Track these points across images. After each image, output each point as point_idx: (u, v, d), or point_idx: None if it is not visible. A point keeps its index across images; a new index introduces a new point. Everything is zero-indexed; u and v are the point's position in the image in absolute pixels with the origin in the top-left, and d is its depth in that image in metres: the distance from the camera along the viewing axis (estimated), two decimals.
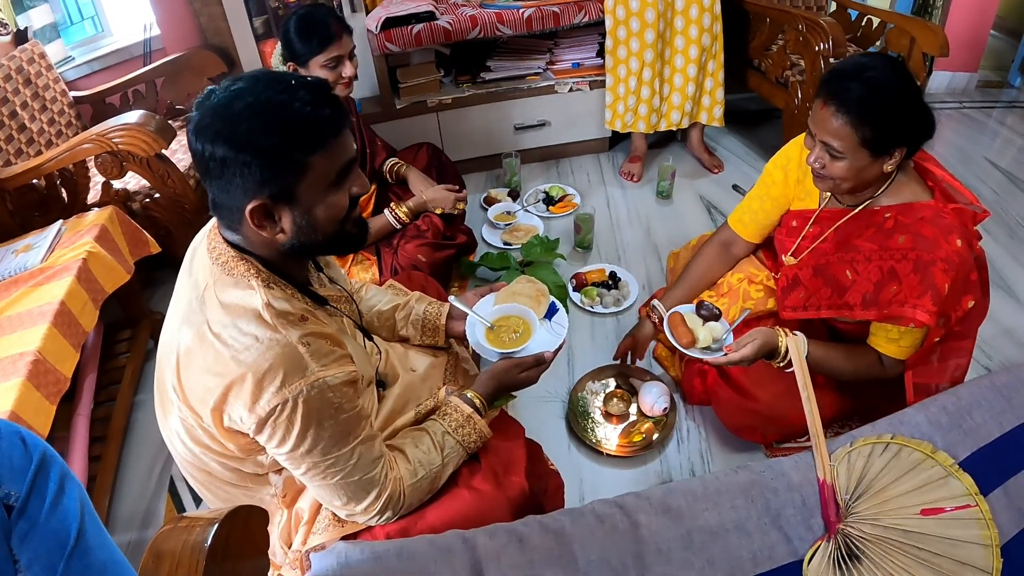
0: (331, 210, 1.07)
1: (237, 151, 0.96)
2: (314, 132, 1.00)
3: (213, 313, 1.05)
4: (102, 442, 1.97)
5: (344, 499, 1.17)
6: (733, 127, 3.56)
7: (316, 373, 1.05)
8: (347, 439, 1.12)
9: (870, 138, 1.38)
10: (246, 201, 0.99)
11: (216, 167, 0.97)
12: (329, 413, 1.08)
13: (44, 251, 1.93)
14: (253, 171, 0.97)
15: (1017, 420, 1.25)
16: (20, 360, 1.57)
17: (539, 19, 2.95)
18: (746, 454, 1.90)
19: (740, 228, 1.90)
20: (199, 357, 1.04)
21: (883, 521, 1.14)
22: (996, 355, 2.16)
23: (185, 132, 1.05)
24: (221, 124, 0.96)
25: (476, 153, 3.31)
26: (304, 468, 1.12)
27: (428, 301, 1.63)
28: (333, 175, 1.05)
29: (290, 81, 1.00)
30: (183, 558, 0.80)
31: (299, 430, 1.05)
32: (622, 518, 1.14)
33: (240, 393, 1.02)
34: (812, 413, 1.26)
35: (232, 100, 0.97)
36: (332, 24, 1.94)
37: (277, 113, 0.97)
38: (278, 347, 1.02)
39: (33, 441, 0.80)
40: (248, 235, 1.06)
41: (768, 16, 3.05)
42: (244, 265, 1.07)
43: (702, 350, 1.61)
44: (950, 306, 1.43)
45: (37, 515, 0.76)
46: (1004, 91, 4.06)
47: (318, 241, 1.09)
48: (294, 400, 1.03)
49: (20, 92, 2.51)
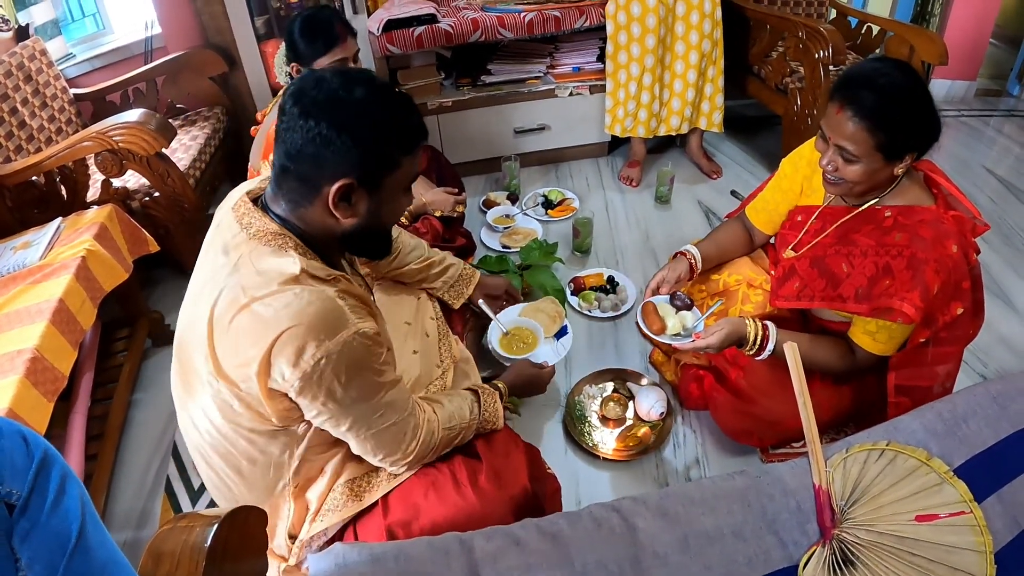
0: (397, 208, 1.19)
1: (347, 133, 1.04)
2: (411, 136, 1.13)
3: (249, 278, 1.08)
4: (99, 441, 1.97)
5: (388, 448, 1.26)
6: (732, 133, 3.57)
7: (356, 324, 1.10)
8: (383, 386, 1.19)
9: (885, 143, 1.40)
10: (336, 177, 1.06)
11: (321, 142, 1.04)
12: (368, 362, 1.14)
13: (43, 248, 1.94)
14: (352, 153, 1.05)
15: (1012, 428, 1.25)
16: (18, 357, 1.57)
17: (540, 23, 2.96)
18: (742, 459, 1.91)
19: (754, 216, 1.92)
20: (236, 322, 1.07)
21: (878, 527, 1.15)
22: (992, 363, 2.17)
23: (279, 105, 1.12)
24: (338, 108, 1.05)
25: (475, 156, 3.32)
26: (349, 422, 1.17)
27: (463, 266, 1.93)
28: (409, 179, 1.17)
29: (392, 88, 1.13)
30: (182, 558, 0.81)
31: (345, 380, 1.10)
32: (619, 522, 1.14)
33: (284, 350, 1.05)
34: (808, 419, 1.27)
35: (350, 89, 1.06)
36: (337, 26, 1.94)
37: (387, 112, 1.08)
38: (318, 301, 1.07)
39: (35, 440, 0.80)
40: (312, 212, 1.11)
41: (768, 23, 3.06)
42: (285, 239, 1.12)
43: (671, 336, 1.70)
44: (938, 307, 1.46)
45: (38, 514, 0.76)
46: (1002, 99, 4.07)
47: (374, 234, 1.20)
48: (339, 351, 1.07)
49: (21, 88, 2.51)
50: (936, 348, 1.55)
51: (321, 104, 1.04)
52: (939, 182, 1.53)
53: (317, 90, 1.06)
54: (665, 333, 1.72)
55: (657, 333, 1.71)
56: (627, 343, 2.31)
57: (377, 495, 1.33)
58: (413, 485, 1.34)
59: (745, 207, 1.97)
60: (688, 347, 1.64)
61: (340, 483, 1.33)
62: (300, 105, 1.05)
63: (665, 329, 1.72)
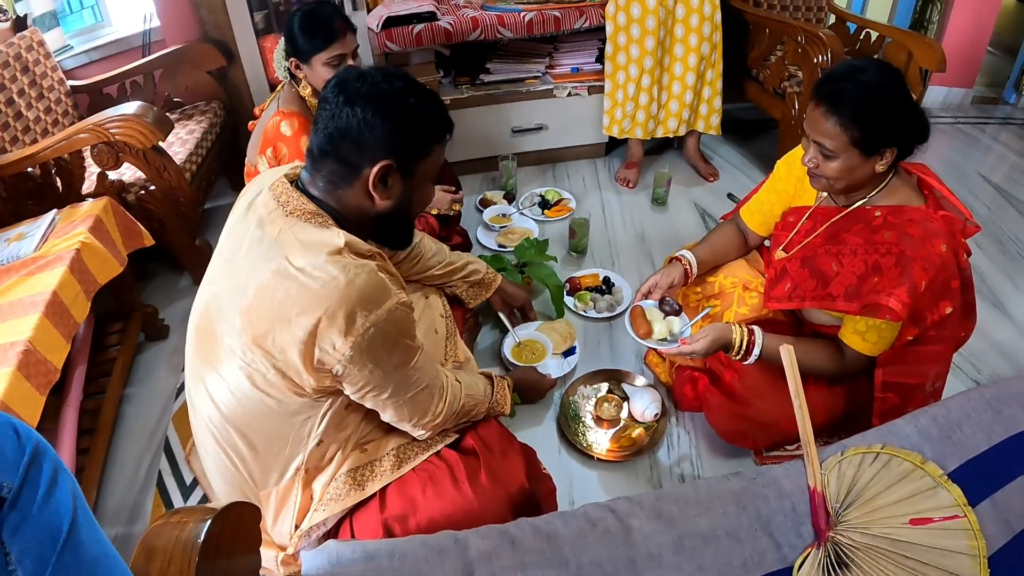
0: (426, 196, 1.30)
1: (386, 119, 1.14)
2: (443, 126, 1.25)
3: (293, 250, 1.13)
4: (90, 435, 1.96)
5: (421, 410, 1.33)
6: (729, 136, 3.57)
7: (396, 295, 1.18)
8: (416, 351, 1.28)
9: (859, 138, 1.43)
10: (376, 159, 1.15)
11: (363, 126, 1.14)
12: (408, 330, 1.23)
13: (37, 240, 1.92)
14: (394, 137, 1.15)
15: (1005, 433, 1.26)
16: (11, 350, 1.55)
17: (540, 23, 2.96)
18: (735, 461, 1.91)
19: (748, 217, 1.93)
20: (280, 292, 1.11)
21: (872, 530, 1.15)
22: (985, 369, 2.18)
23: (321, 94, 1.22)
24: (379, 96, 1.15)
25: (473, 155, 3.31)
26: (391, 389, 1.24)
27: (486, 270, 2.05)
28: (436, 169, 1.27)
29: (424, 85, 1.22)
30: (175, 554, 0.80)
31: (390, 347, 1.18)
32: (614, 522, 1.14)
33: (334, 322, 1.10)
34: (804, 422, 1.27)
35: (391, 81, 1.17)
36: (336, 22, 1.94)
37: (423, 103, 1.19)
38: (364, 274, 1.12)
39: (26, 433, 0.80)
40: (350, 194, 1.20)
41: (767, 27, 3.07)
42: (321, 217, 1.19)
43: (658, 341, 1.73)
44: (925, 305, 1.47)
45: (29, 507, 0.75)
46: (999, 107, 4.09)
47: (404, 218, 1.30)
48: (385, 319, 1.14)
49: (17, 79, 2.49)
50: (925, 347, 1.56)
51: (364, 94, 1.14)
52: (932, 184, 1.55)
53: (360, 82, 1.16)
54: (652, 338, 1.74)
55: (644, 337, 1.74)
56: (622, 344, 2.31)
57: (379, 485, 1.34)
58: (411, 480, 1.35)
59: (740, 209, 1.97)
60: (674, 352, 1.66)
61: (342, 472, 1.33)
62: (345, 94, 1.15)
63: (652, 334, 1.75)
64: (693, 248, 1.96)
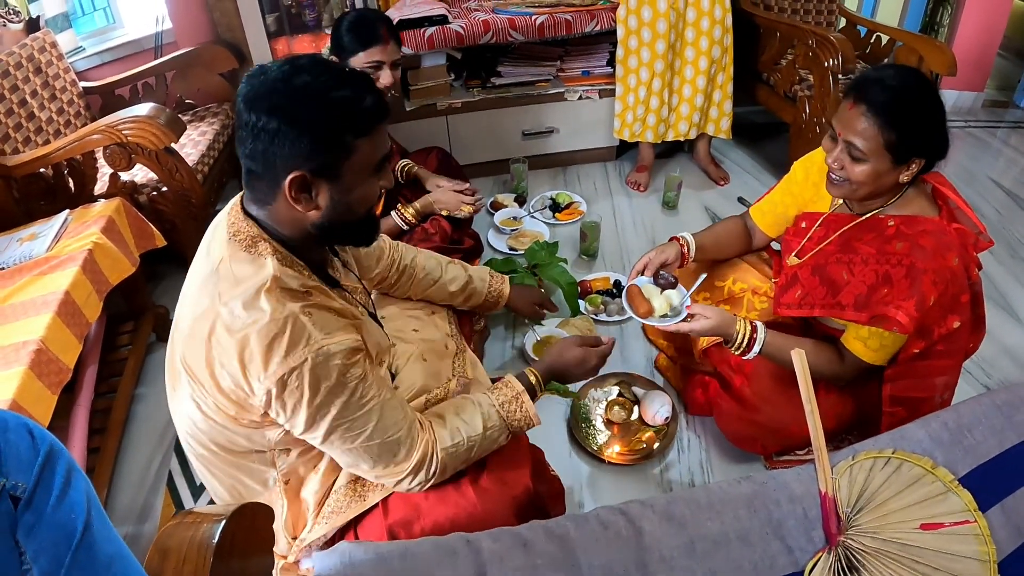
0: (366, 195, 1.14)
1: (291, 124, 1.01)
2: (364, 117, 1.07)
3: (224, 286, 1.08)
4: (101, 434, 1.97)
5: (370, 462, 1.20)
6: (740, 140, 3.57)
7: (320, 341, 1.08)
8: (362, 402, 1.15)
9: (895, 143, 1.40)
10: (288, 171, 1.04)
11: (266, 137, 1.01)
12: (337, 378, 1.10)
13: (50, 240, 1.94)
14: (302, 144, 1.02)
15: (1017, 438, 1.25)
16: (23, 349, 1.56)
17: (551, 26, 2.96)
18: (746, 465, 1.91)
19: (759, 217, 1.91)
20: (208, 329, 1.07)
21: (883, 534, 1.14)
22: (996, 374, 2.17)
23: (233, 103, 1.09)
24: (278, 98, 1.01)
25: (484, 158, 3.32)
26: (322, 434, 1.14)
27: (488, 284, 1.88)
28: (374, 162, 1.11)
29: (344, 69, 1.08)
30: (189, 554, 0.80)
31: (308, 397, 1.08)
32: (626, 525, 1.14)
33: (250, 365, 1.05)
34: (815, 426, 1.27)
35: (291, 77, 1.03)
36: (382, 28, 1.99)
37: (333, 95, 1.03)
38: (280, 318, 1.05)
39: (40, 434, 0.80)
40: (279, 210, 1.10)
41: (778, 30, 3.06)
42: (263, 244, 1.11)
43: (660, 318, 1.66)
44: (933, 319, 1.45)
45: (44, 507, 0.75)
46: (1009, 111, 4.07)
47: (347, 223, 1.15)
48: (300, 368, 1.06)
49: (30, 80, 2.51)
50: (932, 361, 1.54)
51: (262, 95, 1.02)
52: (947, 195, 1.53)
53: (258, 80, 1.04)
54: (653, 315, 1.67)
55: (644, 316, 1.67)
56: (633, 347, 2.31)
57: (381, 495, 1.31)
58: None
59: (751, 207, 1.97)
60: (672, 329, 1.62)
61: (341, 485, 1.31)
62: (244, 98, 1.03)
63: (652, 311, 1.67)
64: (696, 234, 1.92)
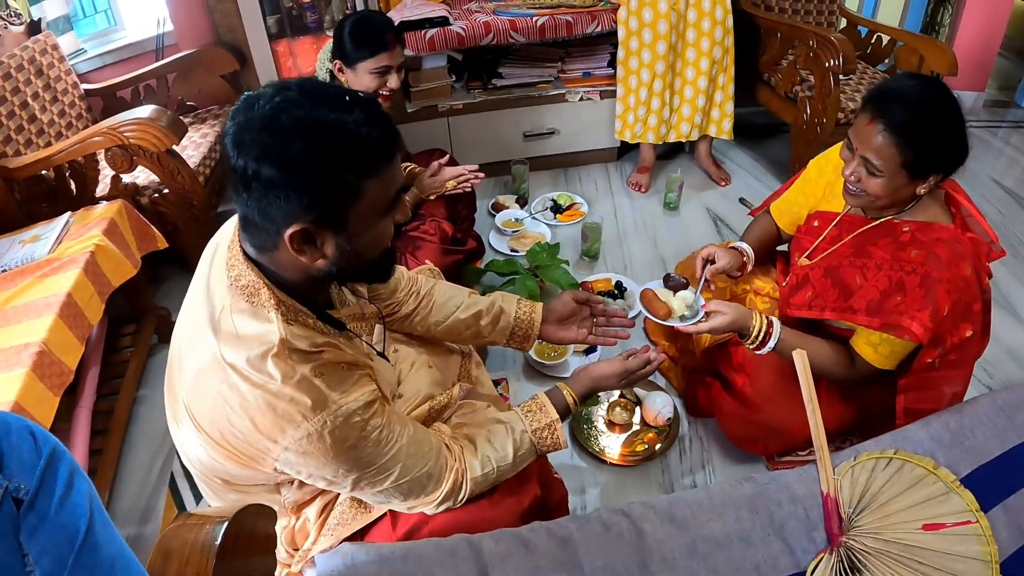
0: (377, 237, 1.02)
1: (286, 173, 0.88)
2: (371, 155, 0.92)
3: (227, 341, 0.99)
4: (103, 436, 1.97)
5: (401, 498, 1.17)
6: (741, 141, 3.56)
7: (337, 402, 1.01)
8: (385, 450, 1.09)
9: (912, 161, 1.38)
10: (287, 225, 0.92)
11: (259, 188, 0.89)
12: (358, 435, 1.04)
13: (51, 242, 1.94)
14: (301, 195, 0.90)
15: (1018, 439, 1.26)
16: (25, 351, 1.57)
17: (552, 28, 2.96)
18: (747, 466, 1.91)
19: (779, 217, 1.92)
20: (214, 384, 0.99)
21: (885, 535, 1.15)
22: (998, 374, 2.17)
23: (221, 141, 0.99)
24: (269, 140, 0.88)
25: (485, 159, 3.30)
26: (349, 486, 1.10)
27: (517, 302, 1.60)
28: (386, 202, 0.99)
29: (343, 97, 0.92)
30: (192, 556, 0.80)
31: (331, 456, 1.02)
32: (628, 526, 1.14)
33: (264, 430, 0.99)
34: (817, 427, 1.27)
35: (279, 112, 0.88)
36: (388, 33, 1.95)
37: (331, 132, 0.89)
38: (293, 383, 0.97)
39: (43, 436, 0.81)
40: (280, 257, 0.99)
41: (779, 31, 3.06)
42: (266, 293, 1.00)
43: (679, 319, 1.68)
44: (947, 329, 1.44)
45: (46, 509, 0.76)
46: (1010, 111, 4.06)
47: (357, 268, 1.04)
48: (319, 432, 0.99)
49: (32, 82, 2.51)
50: (945, 371, 1.53)
51: (252, 138, 0.88)
52: (960, 202, 1.52)
53: (245, 118, 0.90)
54: (672, 316, 1.68)
55: (665, 318, 1.67)
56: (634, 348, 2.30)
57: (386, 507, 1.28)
58: None
59: (769, 204, 1.96)
60: (692, 330, 1.62)
61: (344, 498, 1.28)
62: (232, 140, 0.90)
63: (671, 313, 1.69)
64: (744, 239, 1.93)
